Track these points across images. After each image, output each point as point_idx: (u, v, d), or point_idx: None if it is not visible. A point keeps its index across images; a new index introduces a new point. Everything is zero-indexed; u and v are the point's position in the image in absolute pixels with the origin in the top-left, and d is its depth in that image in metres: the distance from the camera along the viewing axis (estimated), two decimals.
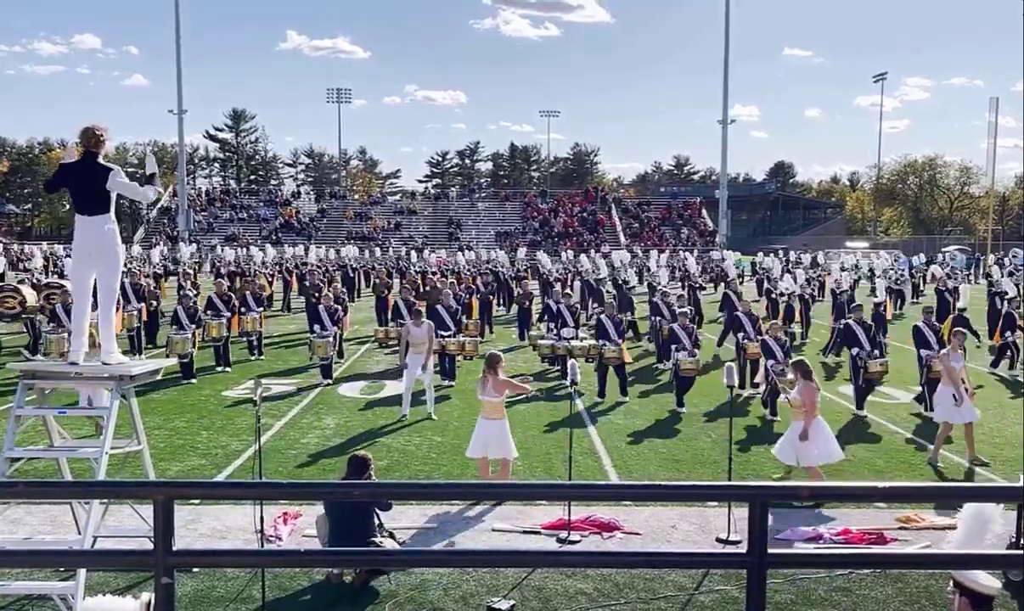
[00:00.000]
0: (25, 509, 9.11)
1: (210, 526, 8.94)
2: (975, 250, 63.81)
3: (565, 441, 10.51)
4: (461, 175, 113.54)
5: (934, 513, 9.41)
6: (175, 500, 2.84)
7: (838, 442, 10.49)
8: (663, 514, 9.41)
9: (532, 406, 14.76)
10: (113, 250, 7.10)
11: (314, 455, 11.69)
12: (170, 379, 15.94)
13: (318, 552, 6.45)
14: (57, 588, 6.76)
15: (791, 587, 7.58)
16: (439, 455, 11.71)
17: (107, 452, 6.90)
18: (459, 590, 7.54)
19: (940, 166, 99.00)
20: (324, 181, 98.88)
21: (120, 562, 6.57)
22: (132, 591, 7.18)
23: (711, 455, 11.76)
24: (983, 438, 12.80)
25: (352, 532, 7.66)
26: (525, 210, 74.97)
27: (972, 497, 5.52)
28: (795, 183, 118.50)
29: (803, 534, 8.83)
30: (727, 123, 65.23)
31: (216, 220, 71.29)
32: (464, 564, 7.79)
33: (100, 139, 7.00)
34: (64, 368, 7.28)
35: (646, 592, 7.55)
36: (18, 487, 4.18)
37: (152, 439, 10.90)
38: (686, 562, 5.83)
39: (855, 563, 6.61)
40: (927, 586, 7.63)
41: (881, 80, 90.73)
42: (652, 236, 68.80)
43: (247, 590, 7.45)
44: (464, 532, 8.94)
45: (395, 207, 77.87)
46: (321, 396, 15.62)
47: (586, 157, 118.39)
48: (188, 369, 16.78)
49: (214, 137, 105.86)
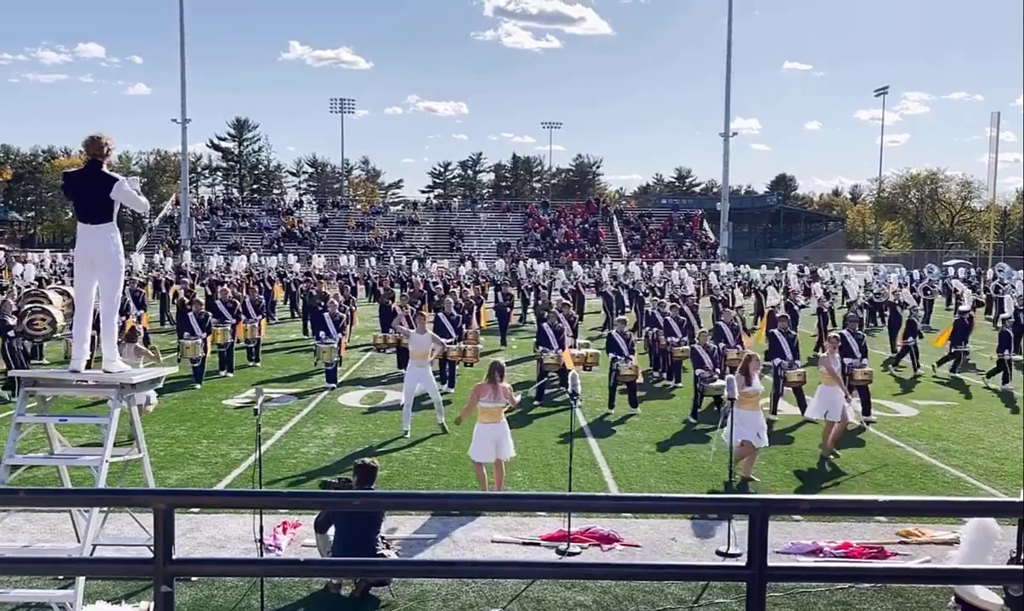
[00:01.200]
0: (24, 517, 9.10)
1: (209, 535, 8.93)
2: (976, 264, 63.74)
3: (565, 452, 10.51)
4: (463, 186, 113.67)
5: (935, 528, 9.40)
6: (175, 508, 2.85)
7: (840, 455, 10.47)
8: (663, 526, 9.39)
9: (532, 417, 14.75)
10: (115, 259, 7.11)
11: (314, 464, 11.68)
12: (170, 387, 15.94)
13: (317, 562, 6.45)
14: (56, 596, 6.75)
15: (791, 601, 7.56)
16: (439, 465, 11.70)
17: (107, 460, 6.90)
18: (458, 601, 7.53)
19: (942, 180, 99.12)
20: (326, 191, 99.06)
21: (120, 570, 6.57)
22: (131, 599, 7.17)
23: (711, 467, 11.75)
24: (984, 453, 12.81)
25: (358, 542, 7.64)
26: (527, 221, 75.04)
27: (973, 512, 5.52)
28: (796, 196, 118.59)
29: (803, 547, 8.82)
30: (729, 136, 65.34)
31: (218, 229, 71.38)
32: (463, 575, 7.79)
33: (104, 148, 7.02)
34: (65, 375, 7.29)
35: (646, 605, 7.53)
36: (19, 494, 4.18)
37: (152, 447, 10.90)
38: (686, 574, 5.82)
39: (855, 577, 6.59)
40: (927, 601, 7.61)
41: (883, 94, 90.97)
42: (653, 248, 68.83)
43: (246, 599, 7.44)
44: (463, 543, 8.93)
45: (397, 217, 77.96)
46: (321, 405, 15.61)
47: (588, 168, 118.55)
48: (199, 373, 17.45)
49: (217, 146, 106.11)
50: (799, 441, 13.29)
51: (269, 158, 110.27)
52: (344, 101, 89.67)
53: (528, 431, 13.72)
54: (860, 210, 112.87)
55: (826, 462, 12.08)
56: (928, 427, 14.51)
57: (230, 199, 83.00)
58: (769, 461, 12.07)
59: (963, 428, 14.54)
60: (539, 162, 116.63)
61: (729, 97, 63.82)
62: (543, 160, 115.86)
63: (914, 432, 14.08)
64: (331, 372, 17.39)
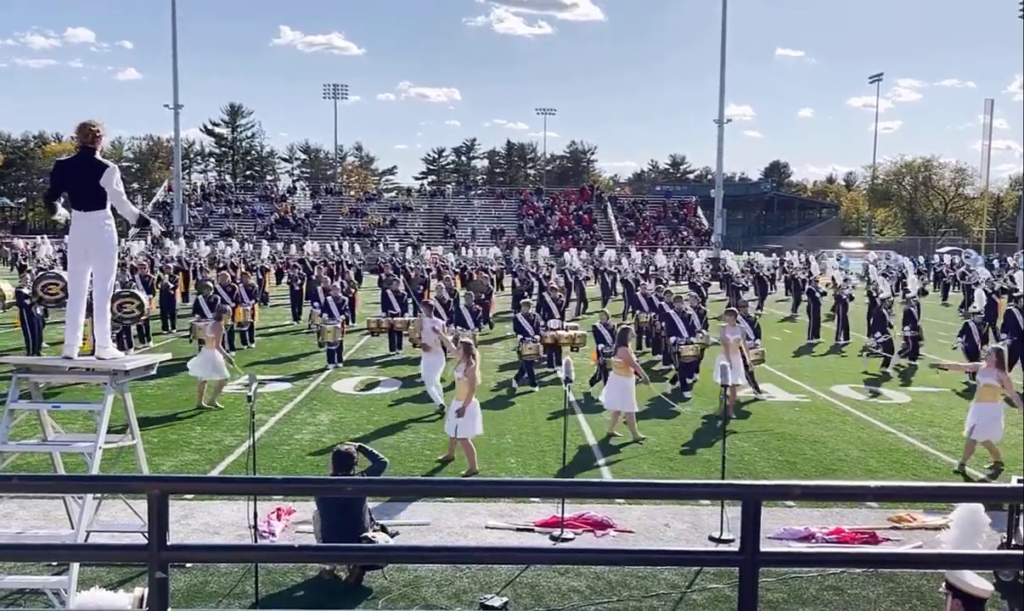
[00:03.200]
0: (18, 503, 9.09)
1: (203, 521, 8.94)
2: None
3: (559, 438, 10.54)
4: (457, 172, 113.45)
5: (925, 513, 9.46)
6: (170, 495, 2.85)
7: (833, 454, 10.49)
8: (656, 512, 9.43)
9: (526, 403, 14.78)
10: (109, 245, 7.08)
11: (308, 451, 11.69)
12: (164, 374, 15.89)
13: (312, 548, 6.46)
14: (50, 582, 6.75)
15: (783, 586, 7.61)
16: (433, 452, 11.71)
17: (101, 447, 6.90)
18: (452, 587, 7.56)
19: (935, 167, 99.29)
20: (320, 177, 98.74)
21: (114, 556, 6.58)
22: (125, 586, 7.18)
23: (704, 454, 11.79)
24: None
25: (344, 528, 7.66)
26: (521, 208, 74.92)
27: (964, 497, 5.55)
28: (790, 183, 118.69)
29: (796, 533, 8.87)
30: (723, 122, 65.14)
31: (211, 216, 71.10)
32: (457, 561, 7.82)
33: (96, 135, 6.99)
34: (58, 362, 7.27)
35: (639, 590, 7.58)
36: (13, 481, 4.17)
37: (146, 434, 10.88)
38: (679, 560, 5.85)
39: (847, 562, 6.62)
40: (918, 586, 7.67)
41: (877, 81, 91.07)
42: (647, 235, 68.81)
43: (240, 585, 7.46)
44: (457, 529, 8.96)
45: (391, 204, 77.74)
46: (315, 392, 15.62)
47: (583, 155, 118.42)
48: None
49: (211, 131, 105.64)
50: (791, 428, 13.35)
51: (262, 144, 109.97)
52: (337, 87, 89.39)
53: (522, 417, 13.75)
54: (854, 197, 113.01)
55: (812, 447, 12.14)
56: (920, 414, 14.58)
57: (223, 185, 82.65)
58: (761, 447, 12.13)
59: (955, 415, 14.58)
60: (533, 149, 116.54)
61: (724, 84, 63.58)
62: (537, 147, 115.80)
63: (906, 418, 14.15)
64: (333, 351, 18.06)
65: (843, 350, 21.51)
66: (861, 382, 17.25)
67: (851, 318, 22.84)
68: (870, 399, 15.58)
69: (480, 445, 11.20)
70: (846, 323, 22.54)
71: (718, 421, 11.25)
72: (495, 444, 12.08)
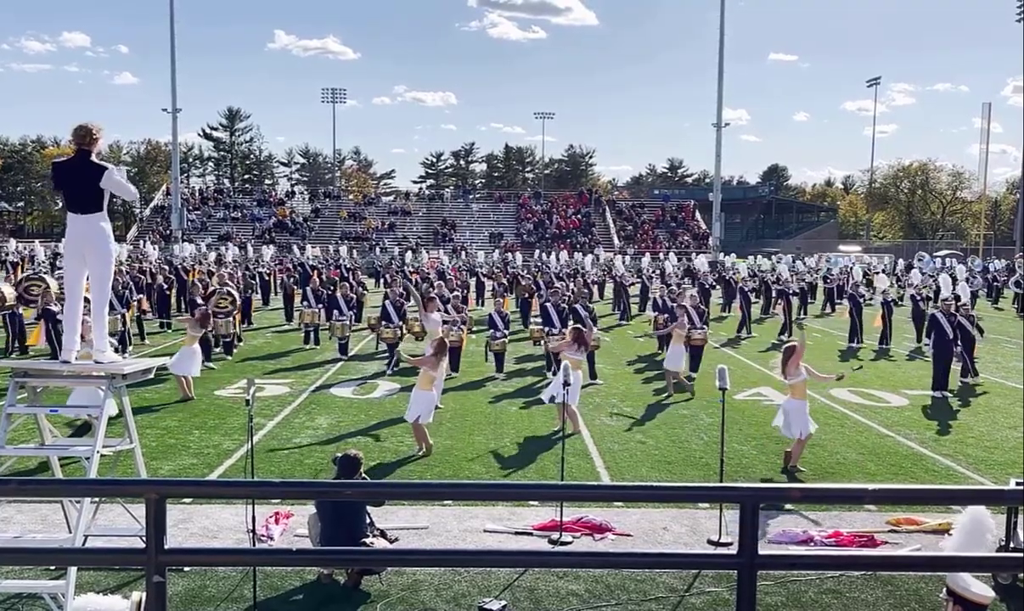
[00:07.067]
0: (15, 508, 9.08)
1: (201, 525, 8.93)
2: (967, 254, 64.04)
3: (557, 442, 10.53)
4: (455, 176, 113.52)
5: (925, 516, 9.45)
6: (168, 499, 2.84)
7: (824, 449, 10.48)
8: (654, 515, 9.42)
9: (524, 407, 14.77)
10: (106, 248, 7.06)
11: (306, 455, 11.68)
12: (162, 377, 15.88)
13: (310, 552, 6.44)
14: (48, 586, 6.73)
15: (782, 589, 7.60)
16: (431, 455, 11.70)
17: (99, 450, 6.88)
18: (451, 590, 7.54)
19: (932, 171, 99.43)
20: (318, 181, 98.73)
21: (112, 560, 6.54)
22: (123, 590, 7.16)
23: (702, 457, 11.79)
24: (973, 442, 12.89)
25: (343, 532, 7.65)
26: (519, 211, 74.96)
27: (962, 500, 5.55)
28: (788, 186, 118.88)
29: (794, 536, 8.86)
30: (721, 126, 65.18)
31: (210, 219, 71.09)
32: (456, 564, 7.80)
33: (93, 137, 6.96)
34: (56, 366, 7.26)
35: (637, 593, 7.57)
36: (11, 484, 4.17)
37: (144, 438, 10.88)
38: (677, 563, 5.85)
39: (846, 565, 6.64)
40: (917, 589, 7.66)
41: (874, 85, 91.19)
42: (646, 238, 68.87)
43: (238, 589, 7.45)
44: (456, 532, 8.95)
45: (389, 207, 77.77)
46: (313, 396, 15.61)
47: (581, 159, 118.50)
48: (209, 354, 18.62)
49: (209, 135, 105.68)
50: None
51: (260, 148, 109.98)
52: (336, 91, 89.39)
53: (520, 421, 13.74)
54: (852, 201, 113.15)
55: (810, 450, 12.14)
56: (918, 416, 14.59)
57: (221, 189, 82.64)
58: (760, 450, 12.13)
59: (953, 417, 14.62)
60: (531, 152, 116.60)
61: (722, 87, 63.63)
62: (535, 150, 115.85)
63: (904, 421, 14.16)
64: (343, 346, 19.94)
65: (858, 354, 21.84)
66: (859, 385, 17.26)
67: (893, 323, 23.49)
68: (869, 403, 15.58)
69: (478, 449, 11.19)
70: (890, 329, 23.19)
71: (716, 424, 11.22)
72: (493, 448, 12.08)
